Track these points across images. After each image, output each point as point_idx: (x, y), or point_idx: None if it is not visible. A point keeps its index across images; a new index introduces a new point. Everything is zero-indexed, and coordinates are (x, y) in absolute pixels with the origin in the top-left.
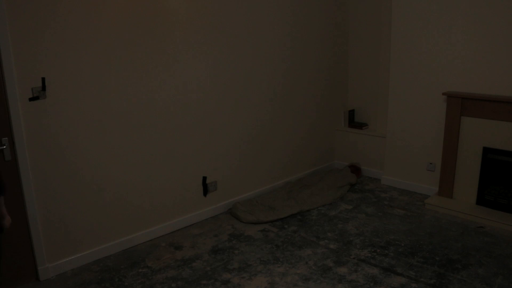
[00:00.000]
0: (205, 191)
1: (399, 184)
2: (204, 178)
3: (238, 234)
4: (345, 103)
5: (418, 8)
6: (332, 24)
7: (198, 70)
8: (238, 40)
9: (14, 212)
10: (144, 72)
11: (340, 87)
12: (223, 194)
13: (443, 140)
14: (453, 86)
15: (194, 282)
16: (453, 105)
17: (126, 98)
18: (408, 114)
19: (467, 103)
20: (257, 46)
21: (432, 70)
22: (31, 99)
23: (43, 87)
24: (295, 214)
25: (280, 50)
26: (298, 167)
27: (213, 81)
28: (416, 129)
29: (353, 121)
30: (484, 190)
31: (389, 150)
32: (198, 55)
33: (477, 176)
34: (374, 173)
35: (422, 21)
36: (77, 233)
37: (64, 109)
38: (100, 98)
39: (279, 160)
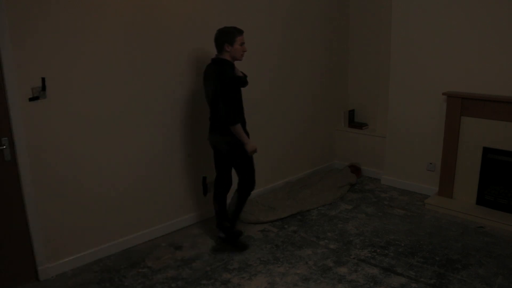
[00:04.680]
0: (205, 191)
1: (399, 184)
2: (204, 178)
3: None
4: (345, 103)
5: (418, 8)
6: (332, 23)
7: (197, 70)
8: None
9: (14, 212)
10: (144, 73)
11: (340, 87)
12: None
13: (443, 140)
14: (453, 86)
15: (194, 282)
16: (453, 105)
17: (126, 98)
18: (408, 114)
19: (467, 103)
20: (257, 46)
21: (432, 70)
22: (31, 99)
23: (43, 87)
24: (295, 214)
25: (280, 50)
26: (298, 167)
27: None
28: (416, 129)
29: (353, 121)
30: (484, 190)
31: (389, 150)
32: (197, 55)
33: (477, 176)
34: (374, 173)
35: (422, 21)
36: (77, 233)
37: (64, 109)
38: (99, 98)
39: (279, 160)
